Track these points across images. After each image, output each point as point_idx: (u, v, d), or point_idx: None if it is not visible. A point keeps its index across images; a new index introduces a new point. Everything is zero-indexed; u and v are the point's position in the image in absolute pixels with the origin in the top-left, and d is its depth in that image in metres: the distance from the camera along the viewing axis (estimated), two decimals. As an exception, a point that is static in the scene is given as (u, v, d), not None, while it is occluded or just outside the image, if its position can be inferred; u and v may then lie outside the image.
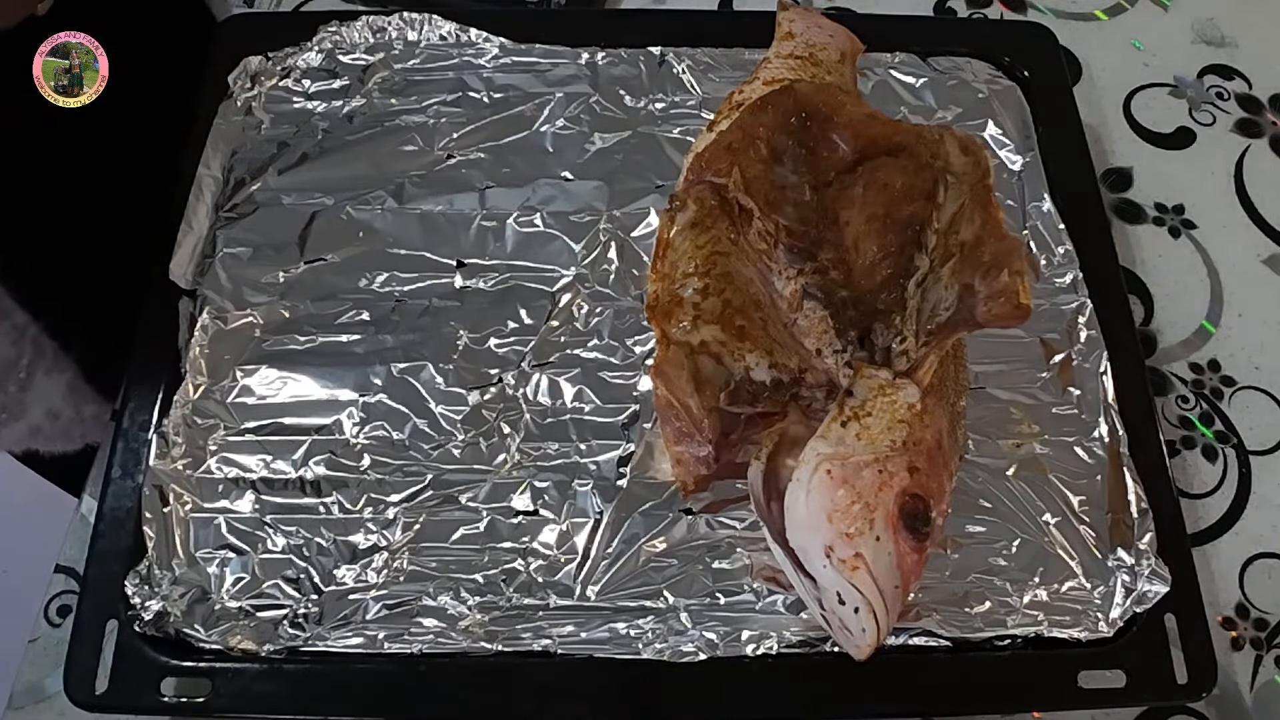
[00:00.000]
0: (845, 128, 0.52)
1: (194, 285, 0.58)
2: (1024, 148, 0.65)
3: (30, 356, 0.61)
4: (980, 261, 0.47)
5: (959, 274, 0.48)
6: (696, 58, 0.67)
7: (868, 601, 0.44)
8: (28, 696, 0.52)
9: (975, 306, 0.46)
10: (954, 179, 0.51)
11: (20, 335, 0.60)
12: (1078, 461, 0.55)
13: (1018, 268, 0.45)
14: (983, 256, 0.47)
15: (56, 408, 0.64)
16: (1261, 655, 0.55)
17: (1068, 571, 0.52)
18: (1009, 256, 0.46)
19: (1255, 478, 0.59)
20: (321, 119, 0.64)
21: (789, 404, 0.48)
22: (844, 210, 0.52)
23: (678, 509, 0.53)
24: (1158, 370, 0.62)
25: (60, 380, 0.63)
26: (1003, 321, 0.46)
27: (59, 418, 0.64)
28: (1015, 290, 0.45)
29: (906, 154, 0.52)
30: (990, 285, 0.46)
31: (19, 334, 0.60)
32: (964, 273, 0.47)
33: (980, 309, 0.46)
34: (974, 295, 0.46)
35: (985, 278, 0.46)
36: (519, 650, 0.50)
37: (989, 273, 0.46)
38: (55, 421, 0.64)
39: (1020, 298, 0.45)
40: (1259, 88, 0.73)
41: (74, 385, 0.64)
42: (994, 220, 0.48)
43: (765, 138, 0.52)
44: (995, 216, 0.48)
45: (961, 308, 0.47)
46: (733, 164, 0.52)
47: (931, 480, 0.46)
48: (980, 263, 0.47)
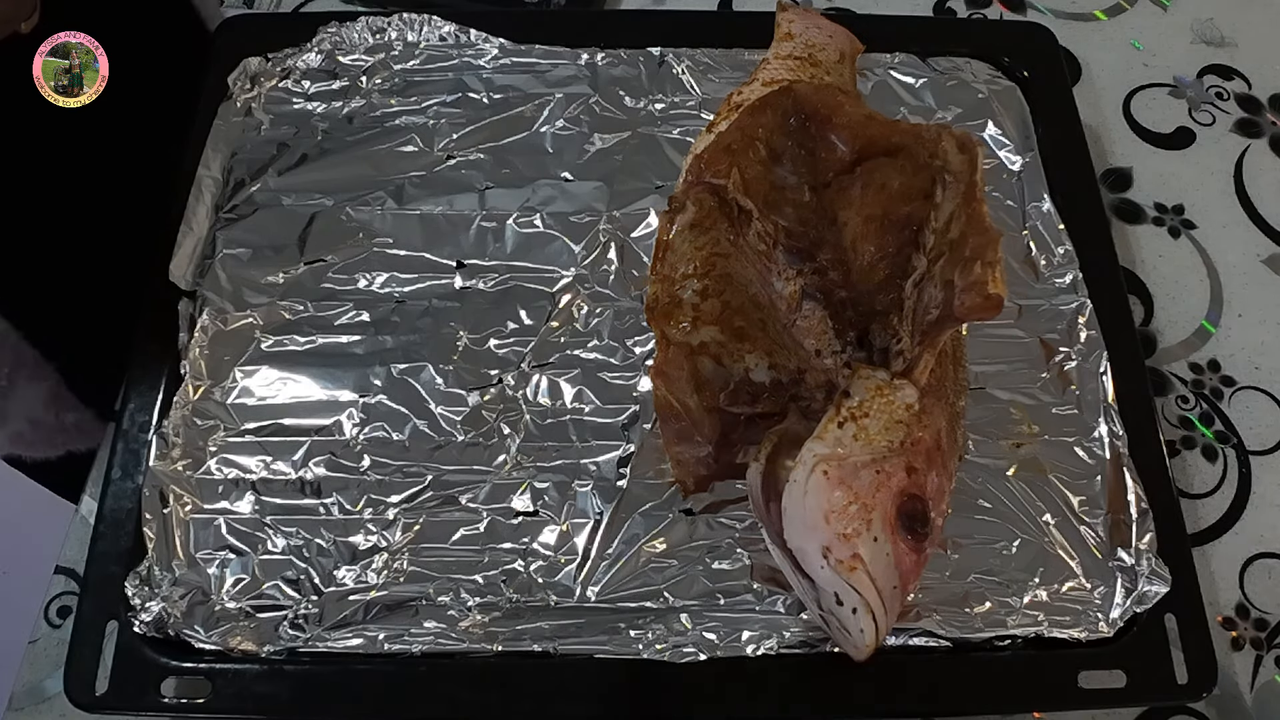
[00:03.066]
0: (843, 128, 0.52)
1: (194, 286, 0.58)
2: (1024, 148, 0.65)
3: (11, 364, 0.61)
4: (963, 257, 0.46)
5: (945, 271, 0.47)
6: (696, 58, 0.67)
7: (866, 602, 0.44)
8: (28, 697, 0.53)
9: (952, 301, 0.46)
10: (952, 178, 0.51)
11: (1, 343, 0.59)
12: (1078, 461, 0.55)
13: (990, 259, 0.45)
14: (965, 251, 0.46)
15: (38, 415, 0.64)
16: (1261, 655, 0.55)
17: (1068, 571, 0.52)
18: (984, 249, 0.45)
19: (1255, 478, 0.59)
20: (321, 120, 0.65)
21: (788, 405, 0.48)
22: (842, 211, 0.52)
23: (678, 509, 0.53)
24: (1158, 370, 0.62)
25: (41, 388, 0.63)
26: (977, 314, 0.45)
27: (40, 425, 0.64)
28: (984, 281, 0.44)
29: (904, 154, 0.52)
30: (965, 278, 0.45)
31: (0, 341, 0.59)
32: (948, 269, 0.47)
33: (955, 302, 0.46)
34: (953, 290, 0.46)
35: (964, 272, 0.46)
36: (519, 651, 0.50)
37: (966, 266, 0.46)
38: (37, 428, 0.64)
39: (989, 288, 0.44)
40: (1258, 88, 0.73)
41: (56, 393, 0.64)
42: (977, 215, 0.47)
43: (764, 139, 0.52)
44: (979, 211, 0.48)
45: (944, 304, 0.47)
46: (732, 165, 0.52)
47: (930, 481, 0.46)
48: (963, 258, 0.46)
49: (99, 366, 0.59)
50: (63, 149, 0.59)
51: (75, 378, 0.64)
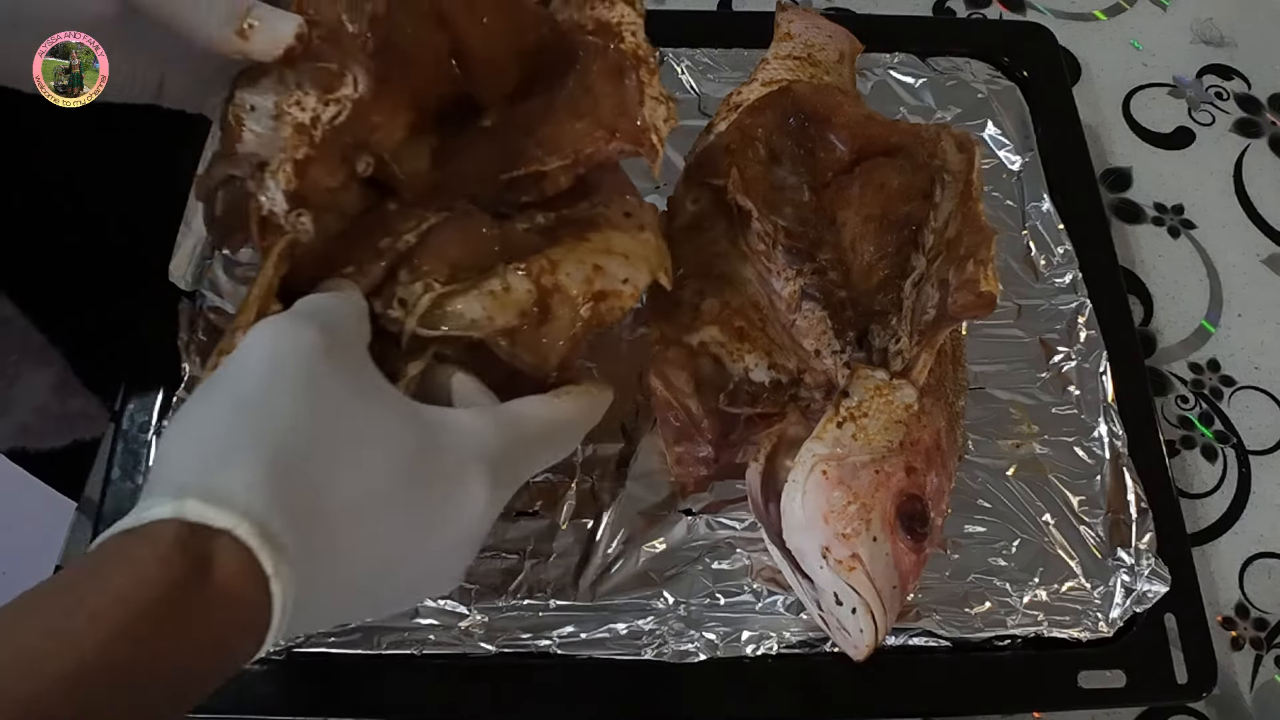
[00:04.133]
0: (843, 128, 0.53)
1: (193, 286, 0.58)
2: (1023, 148, 0.65)
3: (19, 350, 0.61)
4: (957, 255, 0.46)
5: (940, 270, 0.47)
6: (696, 58, 0.67)
7: (865, 602, 0.44)
8: (28, 698, 0.52)
9: (947, 299, 0.46)
10: (950, 178, 0.51)
11: (7, 329, 0.59)
12: (1078, 461, 0.55)
13: (982, 257, 0.45)
14: (960, 250, 0.46)
15: (44, 403, 0.63)
16: (1261, 655, 0.55)
17: (1068, 571, 0.52)
18: (978, 247, 0.45)
19: (1255, 478, 0.59)
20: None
21: (788, 405, 0.48)
22: (841, 211, 0.52)
23: (678, 509, 0.53)
24: (1157, 370, 0.62)
25: (48, 375, 0.63)
26: (970, 312, 0.45)
27: (46, 413, 0.64)
28: (976, 279, 0.44)
29: (904, 154, 0.52)
30: (959, 277, 0.45)
31: (6, 327, 0.59)
32: (944, 268, 0.47)
33: (949, 301, 0.46)
34: (948, 289, 0.46)
35: (957, 270, 0.46)
36: (519, 651, 0.50)
37: (960, 265, 0.46)
38: (43, 417, 0.64)
39: (981, 286, 0.44)
40: (1258, 88, 0.73)
41: (63, 380, 0.64)
42: (972, 213, 0.47)
43: (763, 139, 0.52)
44: (974, 209, 0.48)
45: (940, 303, 0.47)
46: (731, 165, 0.52)
47: (929, 481, 0.46)
48: (957, 256, 0.46)
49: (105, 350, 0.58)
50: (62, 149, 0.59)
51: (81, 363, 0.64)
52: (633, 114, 0.45)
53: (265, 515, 0.30)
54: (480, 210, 0.42)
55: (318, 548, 0.32)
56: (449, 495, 0.36)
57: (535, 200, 0.45)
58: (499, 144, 0.44)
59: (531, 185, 0.45)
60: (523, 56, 0.45)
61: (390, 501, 0.34)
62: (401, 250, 0.40)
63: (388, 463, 0.34)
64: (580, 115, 0.44)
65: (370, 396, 0.36)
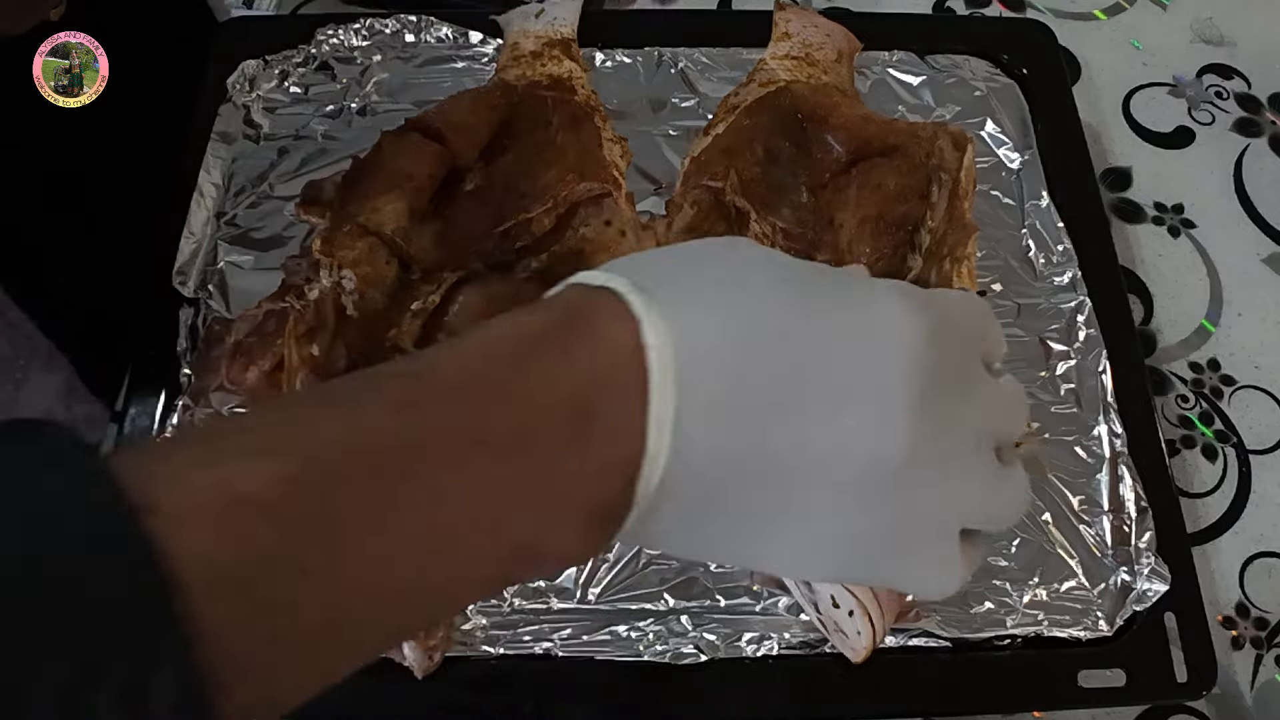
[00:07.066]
0: (840, 129, 0.53)
1: (195, 293, 0.58)
2: (1023, 146, 0.65)
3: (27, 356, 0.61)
4: (940, 253, 0.47)
5: (925, 268, 0.48)
6: (695, 58, 0.67)
7: (862, 605, 0.44)
8: (31, 700, 0.53)
9: None
10: (947, 176, 0.51)
11: (15, 333, 0.60)
12: (1077, 461, 0.55)
13: (959, 254, 0.45)
14: (944, 248, 0.47)
15: (50, 407, 0.64)
16: (1261, 654, 0.55)
17: (1068, 571, 0.52)
18: (957, 245, 0.46)
19: (1255, 477, 0.59)
20: (320, 123, 0.64)
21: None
22: (839, 212, 0.52)
23: (677, 511, 0.53)
24: (1157, 369, 0.62)
25: (55, 380, 0.63)
26: None
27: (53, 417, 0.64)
28: (950, 277, 0.44)
29: (901, 154, 0.52)
30: (937, 275, 0.46)
31: (14, 332, 0.59)
32: (928, 266, 0.47)
33: None
34: (928, 287, 0.46)
35: (937, 269, 0.46)
36: (520, 654, 0.50)
37: (940, 263, 0.46)
38: None
39: (954, 285, 0.44)
40: (1258, 87, 0.73)
41: (70, 385, 0.64)
42: (958, 210, 0.48)
43: (761, 140, 0.52)
44: (960, 206, 0.48)
45: None
46: (729, 167, 0.52)
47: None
48: (940, 255, 0.47)
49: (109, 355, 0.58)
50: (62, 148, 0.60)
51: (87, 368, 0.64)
52: (595, 156, 0.54)
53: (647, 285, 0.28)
54: (488, 269, 0.50)
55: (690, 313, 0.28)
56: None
57: (528, 243, 0.53)
58: (487, 203, 0.53)
59: (523, 230, 0.53)
60: (491, 121, 0.55)
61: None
62: (429, 309, 0.48)
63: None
64: (550, 164, 0.53)
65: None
